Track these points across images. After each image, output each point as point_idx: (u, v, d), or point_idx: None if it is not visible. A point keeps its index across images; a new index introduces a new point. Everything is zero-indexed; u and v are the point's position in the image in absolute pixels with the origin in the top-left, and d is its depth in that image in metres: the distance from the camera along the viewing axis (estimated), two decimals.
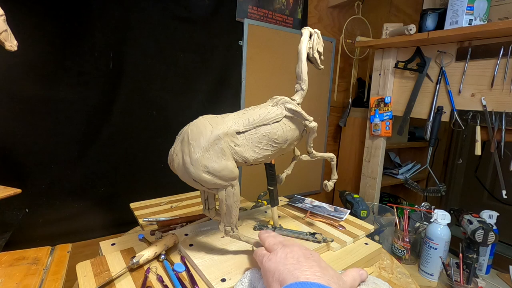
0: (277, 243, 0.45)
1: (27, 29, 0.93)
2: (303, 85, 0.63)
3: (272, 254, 0.42)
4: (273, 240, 0.47)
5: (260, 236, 0.51)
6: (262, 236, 0.50)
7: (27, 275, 0.52)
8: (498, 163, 1.04)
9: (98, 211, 1.15)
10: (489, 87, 1.06)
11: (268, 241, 0.47)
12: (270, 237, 0.49)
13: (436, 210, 1.06)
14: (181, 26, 1.19)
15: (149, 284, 0.51)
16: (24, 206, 1.00)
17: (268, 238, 0.49)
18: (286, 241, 0.47)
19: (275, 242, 0.46)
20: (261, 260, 0.43)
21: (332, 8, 1.65)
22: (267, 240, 0.48)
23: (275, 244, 0.45)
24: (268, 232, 0.52)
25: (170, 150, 0.53)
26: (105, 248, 0.63)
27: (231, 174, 0.50)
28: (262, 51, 1.42)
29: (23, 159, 0.99)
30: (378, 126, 1.42)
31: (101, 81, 1.07)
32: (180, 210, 0.92)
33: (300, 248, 0.42)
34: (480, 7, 1.05)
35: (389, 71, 1.37)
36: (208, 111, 0.59)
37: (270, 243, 0.46)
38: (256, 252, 0.47)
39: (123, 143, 1.15)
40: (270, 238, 0.48)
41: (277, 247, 0.44)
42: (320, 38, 0.66)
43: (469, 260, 0.94)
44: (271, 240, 0.47)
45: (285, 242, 0.46)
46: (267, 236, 0.49)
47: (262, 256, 0.44)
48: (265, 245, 0.48)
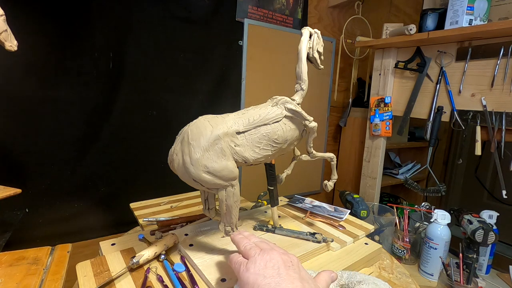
0: (253, 248, 0.42)
1: (27, 29, 0.93)
2: (303, 85, 0.63)
3: (250, 263, 0.39)
4: (248, 243, 0.43)
5: (233, 239, 0.47)
6: (235, 238, 0.46)
7: (27, 275, 0.52)
8: (498, 163, 1.04)
9: (98, 211, 1.15)
10: (489, 87, 1.06)
11: (242, 245, 0.44)
12: (244, 240, 0.45)
13: (436, 210, 1.06)
14: (181, 26, 1.19)
15: (149, 284, 0.51)
16: (24, 206, 1.00)
17: (242, 240, 0.45)
18: (262, 243, 0.44)
19: (251, 246, 0.42)
20: (238, 270, 0.40)
21: (332, 8, 1.65)
22: (241, 243, 0.44)
23: (251, 248, 0.42)
24: (241, 232, 0.48)
25: (170, 150, 0.53)
26: (105, 248, 0.63)
27: (231, 174, 0.50)
28: (262, 51, 1.42)
29: (23, 159, 0.99)
30: (378, 126, 1.42)
31: (101, 81, 1.07)
32: (180, 210, 0.92)
33: (279, 254, 0.39)
34: (480, 7, 1.05)
35: (389, 71, 1.37)
36: (208, 111, 0.59)
37: (245, 247, 0.43)
38: (231, 259, 0.43)
39: (123, 143, 1.15)
40: (244, 240, 0.45)
41: (254, 253, 0.40)
42: (320, 38, 0.66)
43: (469, 260, 0.94)
44: (246, 244, 0.43)
45: (261, 244, 0.43)
46: (241, 238, 0.45)
47: (238, 264, 0.41)
48: (240, 249, 0.44)
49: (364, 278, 0.53)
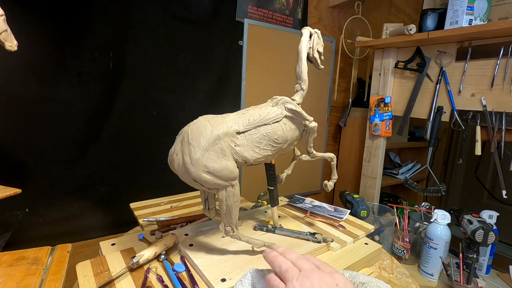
0: (291, 269, 0.38)
1: (27, 29, 0.93)
2: (303, 85, 0.63)
3: None
4: (284, 262, 0.40)
5: (267, 258, 0.42)
6: (269, 257, 0.42)
7: (27, 275, 0.52)
8: (498, 163, 1.04)
9: (98, 211, 1.15)
10: (489, 87, 1.06)
11: (278, 265, 0.40)
12: (279, 259, 0.41)
13: (436, 210, 1.06)
14: (181, 26, 1.19)
15: (149, 284, 0.51)
16: (24, 206, 1.00)
17: (277, 259, 0.41)
18: (301, 260, 0.40)
19: (287, 267, 0.39)
20: None
21: (332, 8, 1.65)
22: (277, 262, 0.40)
23: (288, 270, 0.38)
24: (274, 249, 0.44)
25: (170, 150, 0.53)
26: (105, 248, 0.63)
27: (231, 174, 0.50)
28: (262, 51, 1.42)
29: (23, 159, 0.99)
30: (378, 126, 1.42)
31: (101, 81, 1.07)
32: (180, 210, 0.92)
33: (322, 278, 0.36)
34: (480, 7, 1.05)
35: (389, 71, 1.37)
36: (208, 111, 0.59)
37: (282, 268, 0.39)
38: (269, 281, 0.40)
39: (123, 143, 1.15)
40: (279, 260, 0.40)
41: (292, 276, 0.37)
42: (320, 38, 0.66)
43: (469, 260, 0.93)
44: (283, 264, 0.39)
45: (301, 263, 0.39)
46: (275, 257, 0.41)
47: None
48: (276, 270, 0.40)
49: (367, 279, 0.53)
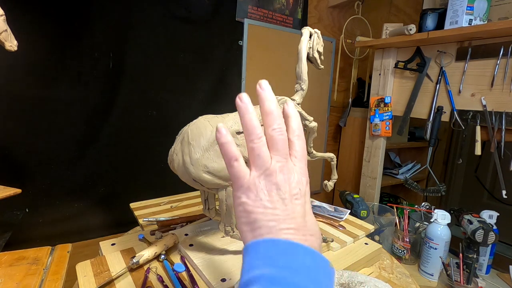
0: (265, 156, 0.30)
1: (27, 29, 0.93)
2: (303, 85, 0.63)
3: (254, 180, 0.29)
4: (256, 144, 0.30)
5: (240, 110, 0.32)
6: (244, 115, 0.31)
7: (27, 275, 0.52)
8: (498, 163, 1.04)
9: (98, 211, 1.15)
10: (489, 87, 1.06)
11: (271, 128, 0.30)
12: (277, 120, 0.31)
13: (436, 210, 1.06)
14: (181, 26, 1.19)
15: (149, 284, 0.51)
16: (24, 206, 1.00)
17: (276, 120, 0.30)
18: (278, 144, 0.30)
19: (261, 152, 0.30)
20: (240, 182, 0.30)
21: (332, 8, 1.65)
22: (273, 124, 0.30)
23: (260, 155, 0.30)
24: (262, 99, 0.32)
25: (170, 150, 0.53)
26: (105, 248, 0.63)
27: None
28: (262, 51, 1.42)
29: (23, 159, 0.99)
30: (378, 126, 1.42)
31: (101, 81, 1.07)
32: (180, 210, 0.92)
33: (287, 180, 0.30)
34: (480, 7, 1.05)
35: (389, 71, 1.37)
36: (208, 111, 0.59)
37: (261, 156, 0.30)
38: (227, 152, 0.30)
39: (123, 143, 1.15)
40: (278, 120, 0.31)
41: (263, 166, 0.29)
42: (320, 38, 0.66)
43: (469, 260, 0.93)
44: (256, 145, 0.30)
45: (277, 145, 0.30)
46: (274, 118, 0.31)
47: (238, 173, 0.30)
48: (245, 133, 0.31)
49: (366, 279, 0.53)
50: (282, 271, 0.25)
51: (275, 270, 0.25)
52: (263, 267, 0.26)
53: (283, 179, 0.30)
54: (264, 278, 0.25)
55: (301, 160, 0.32)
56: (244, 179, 0.30)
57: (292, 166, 0.31)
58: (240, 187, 0.30)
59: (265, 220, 0.28)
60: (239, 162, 0.30)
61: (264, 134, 0.31)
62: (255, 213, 0.29)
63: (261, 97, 0.32)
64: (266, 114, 0.31)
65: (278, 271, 0.25)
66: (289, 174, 0.30)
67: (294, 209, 0.29)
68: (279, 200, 0.29)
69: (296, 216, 0.29)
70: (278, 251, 0.27)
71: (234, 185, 0.31)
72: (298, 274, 0.25)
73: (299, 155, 0.32)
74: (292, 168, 0.31)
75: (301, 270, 0.26)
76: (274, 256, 0.26)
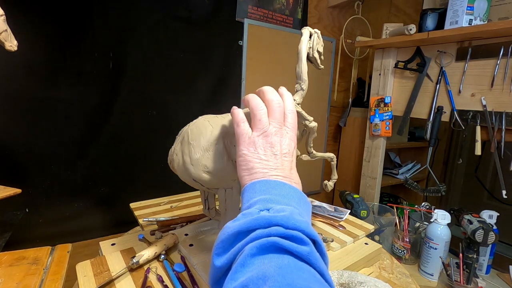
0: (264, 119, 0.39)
1: (27, 29, 0.93)
2: (303, 85, 0.63)
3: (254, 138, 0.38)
4: (260, 109, 0.39)
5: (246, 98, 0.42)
6: (248, 97, 0.42)
7: (27, 275, 0.52)
8: (498, 163, 1.04)
9: (98, 211, 1.15)
10: (489, 87, 1.06)
11: (253, 107, 0.40)
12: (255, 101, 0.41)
13: (436, 210, 1.06)
14: (181, 26, 1.19)
15: (149, 284, 0.51)
16: (24, 206, 1.00)
17: (254, 101, 0.40)
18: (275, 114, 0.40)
19: (261, 115, 0.39)
20: (243, 137, 0.39)
21: (332, 8, 1.65)
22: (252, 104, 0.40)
23: (261, 120, 0.39)
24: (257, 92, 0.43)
25: (170, 150, 0.53)
26: (105, 248, 0.63)
27: (231, 174, 0.50)
28: (262, 51, 1.42)
29: (23, 159, 0.99)
30: (378, 126, 1.42)
31: (101, 81, 1.07)
32: (180, 210, 0.92)
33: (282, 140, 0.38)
34: (480, 7, 1.05)
35: (389, 71, 1.37)
36: (208, 111, 0.59)
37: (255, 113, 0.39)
38: (236, 117, 0.41)
39: (123, 143, 1.15)
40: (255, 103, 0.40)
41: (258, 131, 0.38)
42: (320, 38, 0.66)
43: (469, 260, 0.93)
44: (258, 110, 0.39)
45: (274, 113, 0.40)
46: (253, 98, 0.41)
47: (243, 131, 0.39)
48: (250, 109, 0.40)
49: (365, 279, 0.53)
50: (275, 196, 0.34)
51: (269, 196, 0.34)
52: (260, 195, 0.34)
53: (277, 140, 0.38)
54: (261, 200, 0.33)
55: (292, 130, 0.40)
56: (246, 136, 0.39)
57: (285, 132, 0.39)
58: (243, 142, 0.39)
59: (260, 168, 0.37)
60: (245, 124, 0.40)
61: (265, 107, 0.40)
62: (252, 162, 0.37)
63: (261, 88, 0.42)
64: (267, 92, 0.41)
65: (271, 196, 0.34)
66: (282, 137, 0.39)
67: (283, 163, 0.38)
68: (272, 155, 0.38)
69: (284, 168, 0.38)
70: (270, 186, 0.35)
71: (238, 140, 0.39)
72: (286, 198, 0.34)
73: (291, 126, 0.40)
74: (285, 134, 0.39)
75: (289, 196, 0.34)
76: (267, 189, 0.35)
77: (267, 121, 0.39)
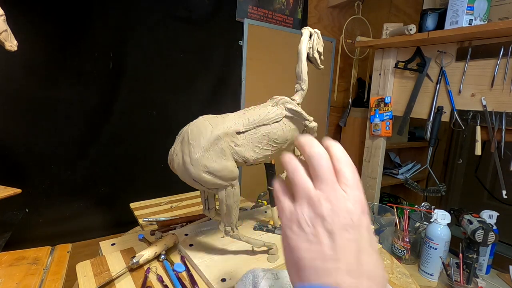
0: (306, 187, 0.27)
1: (27, 29, 0.93)
2: (303, 85, 0.63)
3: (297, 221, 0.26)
4: (301, 178, 0.27)
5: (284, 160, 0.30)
6: (288, 164, 0.29)
7: (27, 275, 0.52)
8: (498, 163, 1.04)
9: (98, 211, 1.15)
10: (489, 87, 1.06)
11: (293, 176, 0.28)
12: (298, 171, 0.28)
13: (436, 210, 1.06)
14: (181, 26, 1.19)
15: (149, 284, 0.51)
16: (24, 206, 1.00)
17: (296, 171, 0.28)
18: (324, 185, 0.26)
19: (303, 183, 0.27)
20: (283, 214, 0.28)
21: (332, 8, 1.65)
22: (292, 172, 0.28)
23: (302, 187, 0.27)
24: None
25: (170, 150, 0.53)
26: (105, 248, 0.63)
27: (231, 174, 0.50)
28: (262, 51, 1.42)
29: (23, 159, 0.99)
30: (378, 126, 1.42)
31: (101, 81, 1.07)
32: (180, 210, 0.92)
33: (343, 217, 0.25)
34: (480, 7, 1.05)
35: (389, 71, 1.37)
36: (208, 111, 0.59)
37: (295, 181, 0.27)
38: (277, 190, 0.29)
39: (123, 143, 1.15)
40: (298, 173, 0.28)
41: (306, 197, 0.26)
42: (320, 38, 0.66)
43: (469, 260, 0.93)
44: (298, 178, 0.27)
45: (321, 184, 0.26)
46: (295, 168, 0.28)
47: (284, 209, 0.28)
48: (290, 178, 0.28)
49: None
50: None
51: None
52: None
53: (329, 209, 0.25)
54: None
55: (354, 188, 0.27)
56: (286, 210, 0.27)
57: (342, 193, 0.26)
58: (283, 219, 0.28)
59: (309, 259, 0.25)
60: (285, 197, 0.28)
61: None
62: (298, 249, 0.25)
63: (299, 140, 0.29)
64: (305, 145, 0.28)
65: None
66: (338, 203, 0.25)
67: (344, 244, 0.24)
68: (325, 232, 0.25)
69: (346, 254, 0.24)
70: None
71: (281, 220, 0.28)
72: None
73: (351, 183, 0.27)
74: (342, 197, 0.26)
75: None
76: None
77: (309, 182, 0.27)
